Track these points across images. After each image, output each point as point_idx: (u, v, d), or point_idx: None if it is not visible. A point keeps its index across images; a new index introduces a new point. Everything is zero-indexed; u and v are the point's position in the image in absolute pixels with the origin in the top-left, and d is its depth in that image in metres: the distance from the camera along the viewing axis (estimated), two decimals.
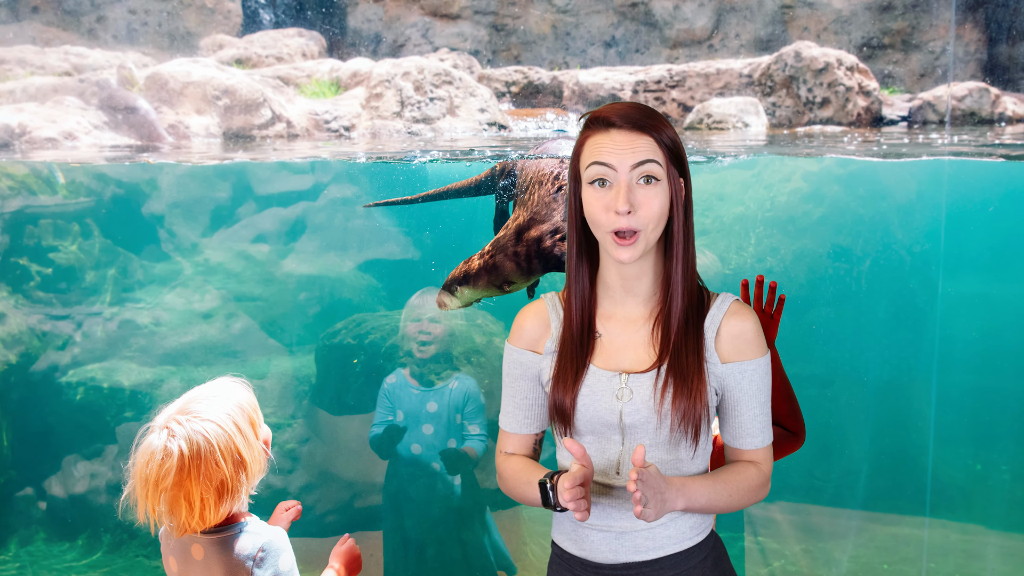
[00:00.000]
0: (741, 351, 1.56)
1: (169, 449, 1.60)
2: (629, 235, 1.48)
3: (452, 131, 5.58)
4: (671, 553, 1.57)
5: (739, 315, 1.58)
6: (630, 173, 1.47)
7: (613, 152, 1.48)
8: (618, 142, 1.48)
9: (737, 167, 6.98)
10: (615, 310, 1.60)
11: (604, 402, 1.54)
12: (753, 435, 1.59)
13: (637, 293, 1.58)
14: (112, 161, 5.31)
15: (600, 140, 1.50)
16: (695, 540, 1.59)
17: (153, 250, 6.14)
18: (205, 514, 1.63)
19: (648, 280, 1.57)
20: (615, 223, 1.47)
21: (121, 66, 5.29)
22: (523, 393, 1.66)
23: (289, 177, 6.74)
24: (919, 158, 5.28)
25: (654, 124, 1.50)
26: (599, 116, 1.52)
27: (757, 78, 5.94)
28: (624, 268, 1.55)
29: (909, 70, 6.65)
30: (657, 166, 1.49)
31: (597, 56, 7.25)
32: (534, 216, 3.13)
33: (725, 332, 1.56)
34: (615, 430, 1.55)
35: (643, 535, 1.56)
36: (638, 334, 1.58)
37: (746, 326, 1.57)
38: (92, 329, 5.35)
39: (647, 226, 1.48)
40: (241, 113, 5.18)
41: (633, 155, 1.47)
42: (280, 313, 6.07)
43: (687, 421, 1.52)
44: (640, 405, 1.53)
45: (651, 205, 1.48)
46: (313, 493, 4.90)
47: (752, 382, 1.57)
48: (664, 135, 1.50)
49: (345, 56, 6.50)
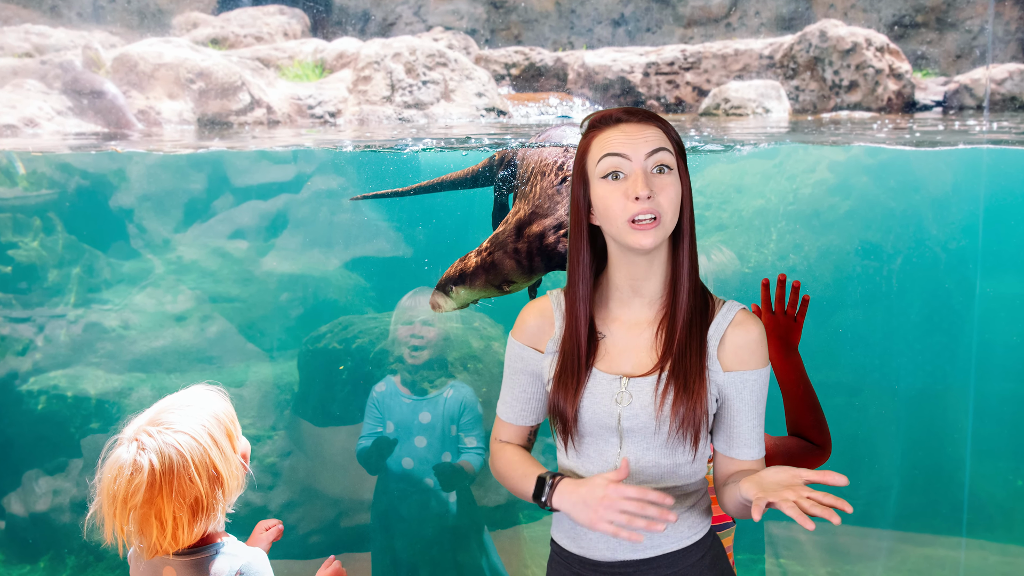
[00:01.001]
0: (744, 361, 1.66)
1: (139, 463, 1.60)
2: (648, 220, 1.56)
3: (447, 117, 5.58)
4: (669, 552, 1.69)
5: (744, 325, 1.67)
6: (645, 161, 1.58)
7: (626, 142, 1.58)
8: (629, 132, 1.59)
9: (757, 156, 6.98)
10: (620, 312, 1.70)
11: (603, 405, 1.66)
12: (751, 446, 1.70)
13: (645, 293, 1.68)
14: (77, 150, 5.31)
15: (610, 134, 1.61)
16: (693, 539, 1.72)
17: (121, 247, 6.14)
18: (178, 534, 1.63)
19: (656, 280, 1.67)
20: (633, 209, 1.56)
21: (87, 47, 5.29)
22: (522, 386, 1.79)
23: (269, 167, 6.74)
24: (955, 146, 5.28)
25: (659, 118, 1.63)
26: (603, 115, 1.64)
27: (779, 60, 5.94)
28: (635, 267, 1.65)
29: (944, 51, 6.65)
30: (669, 154, 1.60)
31: (605, 36, 7.25)
32: (536, 210, 3.13)
33: (729, 341, 1.66)
34: (613, 433, 1.67)
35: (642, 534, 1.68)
36: (641, 337, 1.69)
37: (751, 337, 1.67)
38: (55, 333, 5.35)
39: (666, 212, 1.58)
40: (217, 98, 5.18)
41: (646, 143, 1.58)
42: (260, 315, 6.07)
43: (686, 426, 1.63)
44: (639, 410, 1.64)
45: (667, 192, 1.58)
46: (295, 511, 4.91)
47: (752, 393, 1.68)
48: (670, 129, 1.63)
49: (330, 36, 6.50)
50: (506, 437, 1.84)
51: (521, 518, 5.08)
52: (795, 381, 2.07)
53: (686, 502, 1.71)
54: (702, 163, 7.10)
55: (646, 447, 1.66)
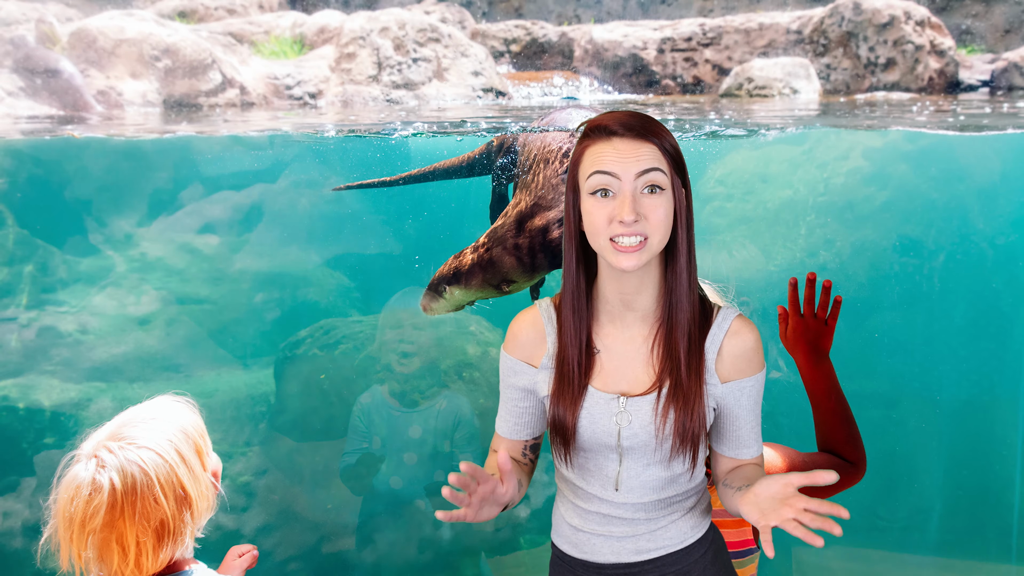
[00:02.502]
0: (741, 370, 1.80)
1: (98, 482, 1.60)
2: (635, 243, 1.67)
3: (439, 98, 5.59)
4: (672, 551, 1.85)
5: (741, 334, 1.79)
6: (635, 182, 1.67)
7: (617, 161, 1.67)
8: (621, 150, 1.68)
9: (784, 142, 6.98)
10: (613, 326, 1.81)
11: (602, 425, 1.79)
12: (750, 445, 1.84)
13: (636, 308, 1.79)
14: (29, 135, 5.31)
15: (601, 149, 1.70)
16: (696, 536, 1.87)
17: (79, 242, 6.14)
18: (141, 560, 1.63)
19: (648, 294, 1.78)
20: (617, 231, 1.67)
21: (40, 20, 5.29)
22: (515, 401, 1.91)
23: (243, 154, 6.74)
24: (1003, 131, 5.29)
25: (656, 131, 1.70)
26: (598, 125, 1.72)
27: (808, 35, 5.95)
28: (623, 282, 1.75)
29: (991, 25, 6.65)
30: (662, 175, 1.68)
31: (615, 8, 7.25)
32: (539, 201, 3.14)
33: (727, 352, 1.79)
34: (613, 450, 1.80)
35: (644, 538, 1.84)
36: (637, 352, 1.80)
37: (748, 345, 1.79)
38: (5, 338, 5.35)
39: (654, 234, 1.68)
40: (185, 77, 5.18)
41: (637, 163, 1.67)
42: (232, 318, 6.07)
43: (686, 441, 1.77)
44: (639, 429, 1.77)
45: (657, 214, 1.68)
46: (272, 536, 4.91)
47: (750, 397, 1.81)
48: (666, 142, 1.71)
49: (310, 8, 6.51)
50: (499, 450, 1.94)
51: (522, 543, 5.08)
52: (826, 391, 2.07)
53: (686, 504, 1.86)
54: (723, 149, 7.11)
55: (646, 463, 1.80)
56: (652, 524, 1.83)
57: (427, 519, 4.02)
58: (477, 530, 4.37)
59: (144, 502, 1.61)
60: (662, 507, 1.83)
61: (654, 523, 1.83)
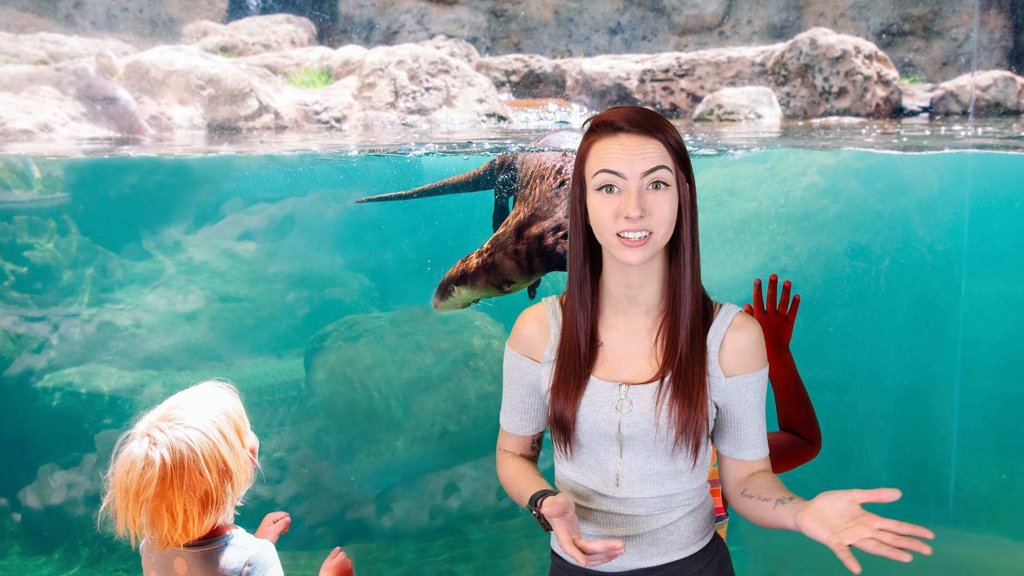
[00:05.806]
0: (745, 364, 1.62)
1: (150, 458, 1.59)
2: (639, 238, 1.51)
3: (449, 123, 5.58)
4: (677, 559, 1.64)
5: (744, 328, 1.62)
6: (640, 180, 1.51)
7: (623, 159, 1.51)
8: (627, 147, 1.51)
9: (749, 161, 6.98)
10: (617, 319, 1.64)
11: (603, 413, 1.59)
12: (757, 446, 1.65)
13: (641, 302, 1.61)
14: (90, 154, 5.31)
15: (607, 145, 1.53)
16: (700, 545, 1.66)
17: (133, 248, 6.14)
18: (188, 526, 1.62)
19: (653, 288, 1.61)
20: (622, 226, 1.51)
21: (100, 54, 5.29)
22: (520, 396, 1.73)
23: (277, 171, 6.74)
24: (941, 151, 5.28)
25: (661, 127, 1.54)
26: (604, 121, 1.55)
27: (770, 67, 5.94)
28: (629, 275, 1.59)
29: (931, 58, 6.65)
30: (667, 171, 1.53)
31: (602, 44, 7.25)
32: (535, 212, 3.13)
33: (729, 345, 1.61)
34: (613, 441, 1.60)
35: (647, 540, 1.63)
36: (641, 344, 1.62)
37: (751, 339, 1.62)
38: (69, 331, 5.35)
39: (659, 229, 1.52)
40: (226, 104, 5.18)
41: (643, 161, 1.51)
42: (267, 314, 6.07)
43: (687, 433, 1.57)
44: (639, 417, 1.58)
45: (662, 210, 1.52)
46: (302, 504, 4.90)
47: (755, 394, 1.63)
48: (671, 138, 1.54)
49: (336, 44, 6.50)
50: (509, 447, 1.78)
51: (521, 511, 5.07)
52: (786, 378, 2.06)
53: (688, 505, 1.65)
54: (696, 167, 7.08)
55: (647, 455, 1.60)
56: (654, 522, 1.62)
57: (438, 490, 4.01)
58: (481, 499, 4.36)
59: (191, 475, 1.60)
60: (664, 505, 1.62)
61: (655, 520, 1.62)
